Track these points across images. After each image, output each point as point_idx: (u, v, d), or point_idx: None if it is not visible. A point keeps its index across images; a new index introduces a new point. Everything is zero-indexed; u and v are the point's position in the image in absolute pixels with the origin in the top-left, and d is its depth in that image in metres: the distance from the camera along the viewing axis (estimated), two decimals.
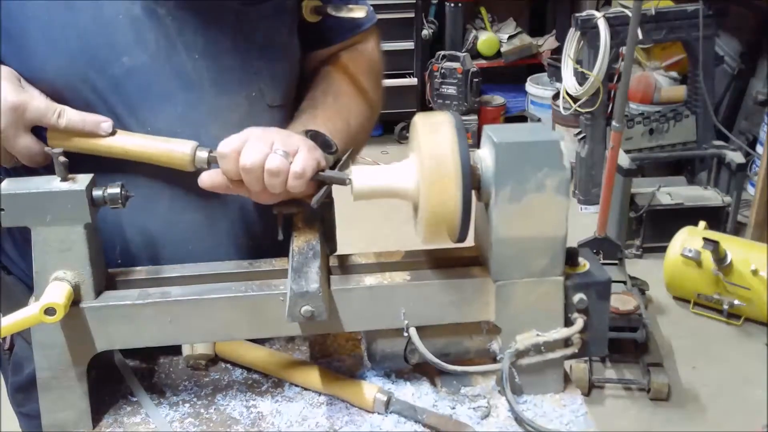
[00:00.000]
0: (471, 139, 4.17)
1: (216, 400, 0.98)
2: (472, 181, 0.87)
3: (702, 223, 3.11)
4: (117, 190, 0.89)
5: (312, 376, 0.99)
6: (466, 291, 0.93)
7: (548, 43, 4.90)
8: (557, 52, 4.40)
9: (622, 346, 2.74)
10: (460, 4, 4.62)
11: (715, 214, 3.38)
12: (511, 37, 4.86)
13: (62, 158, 0.86)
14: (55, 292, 0.86)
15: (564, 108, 3.80)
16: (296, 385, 1.00)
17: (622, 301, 2.62)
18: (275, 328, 0.94)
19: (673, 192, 3.49)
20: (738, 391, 2.64)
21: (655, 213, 3.41)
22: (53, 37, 0.94)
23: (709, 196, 3.48)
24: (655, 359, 2.68)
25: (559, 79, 4.05)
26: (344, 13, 1.08)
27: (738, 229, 3.44)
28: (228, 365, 1.04)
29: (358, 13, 1.08)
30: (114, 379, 1.02)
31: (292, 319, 0.87)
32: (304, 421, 0.94)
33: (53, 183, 0.87)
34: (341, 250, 1.05)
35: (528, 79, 4.64)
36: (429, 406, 0.96)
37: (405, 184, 0.89)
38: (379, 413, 0.95)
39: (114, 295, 0.92)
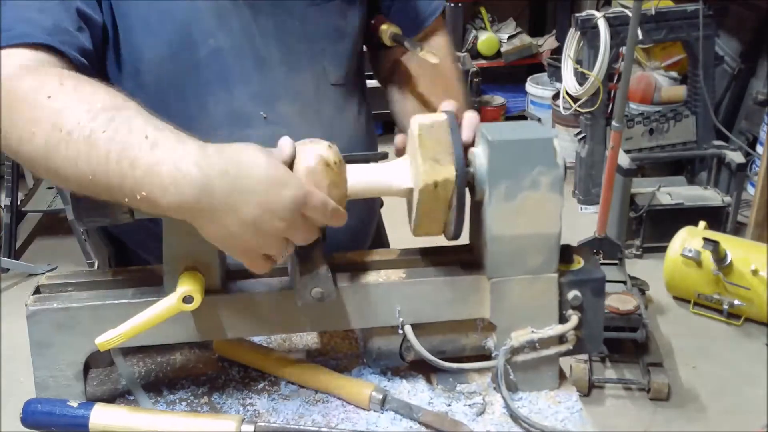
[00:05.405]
0: None
1: (212, 399, 0.98)
2: (466, 179, 0.87)
3: (702, 223, 3.10)
4: None
5: (308, 374, 1.00)
6: (461, 288, 0.93)
7: (548, 43, 4.90)
8: (557, 52, 4.39)
9: (622, 346, 2.74)
10: (460, 4, 4.61)
11: (715, 214, 3.37)
12: (511, 37, 4.85)
13: None
14: (189, 280, 0.88)
15: (564, 108, 3.80)
16: (292, 383, 1.00)
17: (622, 301, 2.62)
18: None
19: (673, 192, 3.49)
20: (738, 391, 2.64)
21: (655, 213, 3.41)
22: (153, 23, 1.06)
23: (709, 196, 3.48)
24: (655, 359, 2.68)
25: (559, 79, 4.05)
26: (418, 52, 1.11)
27: (738, 229, 3.43)
28: (224, 363, 1.05)
29: (432, 58, 1.10)
30: (111, 377, 1.03)
31: (302, 301, 0.89)
32: (300, 419, 0.94)
33: None
34: None
35: (528, 79, 4.63)
36: (425, 403, 0.96)
37: (399, 181, 0.90)
38: (375, 411, 0.95)
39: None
